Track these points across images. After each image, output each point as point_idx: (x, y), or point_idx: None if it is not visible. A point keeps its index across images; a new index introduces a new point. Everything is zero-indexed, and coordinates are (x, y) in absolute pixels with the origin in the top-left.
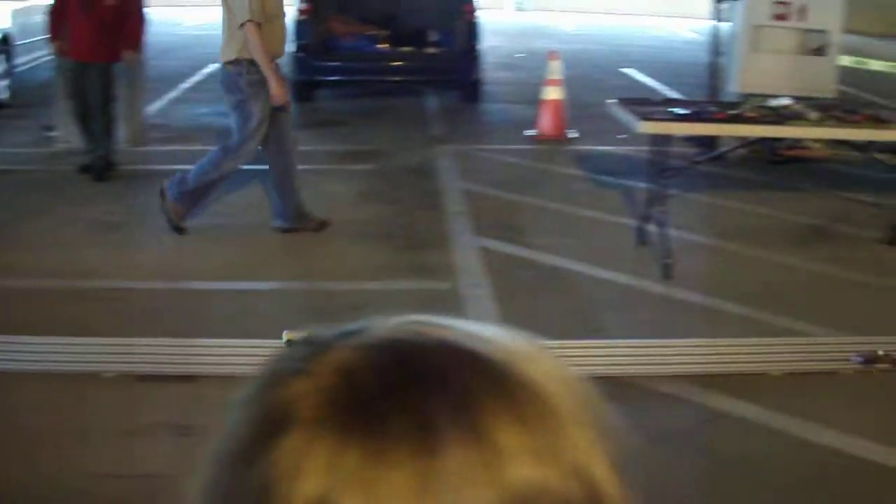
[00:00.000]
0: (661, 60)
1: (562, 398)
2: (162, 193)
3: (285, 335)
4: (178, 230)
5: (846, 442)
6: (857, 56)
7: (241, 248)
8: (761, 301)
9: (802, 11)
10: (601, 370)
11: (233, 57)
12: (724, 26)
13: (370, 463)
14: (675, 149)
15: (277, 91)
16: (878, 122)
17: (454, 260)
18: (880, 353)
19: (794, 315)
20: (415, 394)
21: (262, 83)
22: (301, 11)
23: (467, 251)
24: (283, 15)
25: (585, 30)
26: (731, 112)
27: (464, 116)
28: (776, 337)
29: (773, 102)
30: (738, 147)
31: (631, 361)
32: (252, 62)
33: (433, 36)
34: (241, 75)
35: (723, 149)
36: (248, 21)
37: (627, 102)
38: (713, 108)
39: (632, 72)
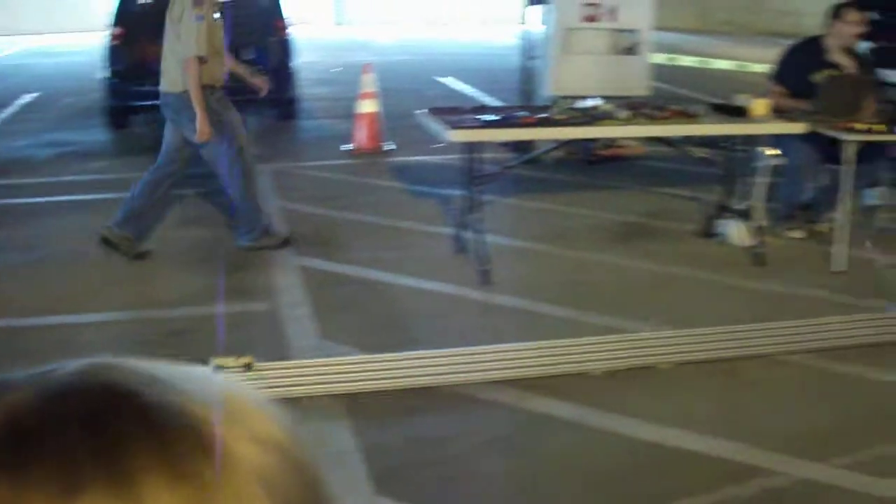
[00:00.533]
0: (478, 68)
1: (237, 451)
2: (251, 249)
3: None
4: (287, 242)
5: (666, 434)
6: (670, 53)
7: (61, 280)
8: (581, 301)
9: (612, 12)
10: (422, 381)
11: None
12: (537, 30)
13: (14, 501)
14: (491, 155)
15: (203, 128)
16: (686, 116)
17: (273, 280)
18: None
19: (613, 313)
20: (65, 437)
21: (220, 103)
22: (114, 37)
23: (286, 271)
24: (223, 49)
25: (404, 41)
26: (540, 116)
27: (281, 134)
28: (596, 336)
29: (582, 104)
30: (551, 149)
31: (451, 370)
32: (206, 87)
33: (246, 54)
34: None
35: (536, 152)
36: (194, 56)
37: (438, 112)
38: (522, 113)
39: (449, 80)
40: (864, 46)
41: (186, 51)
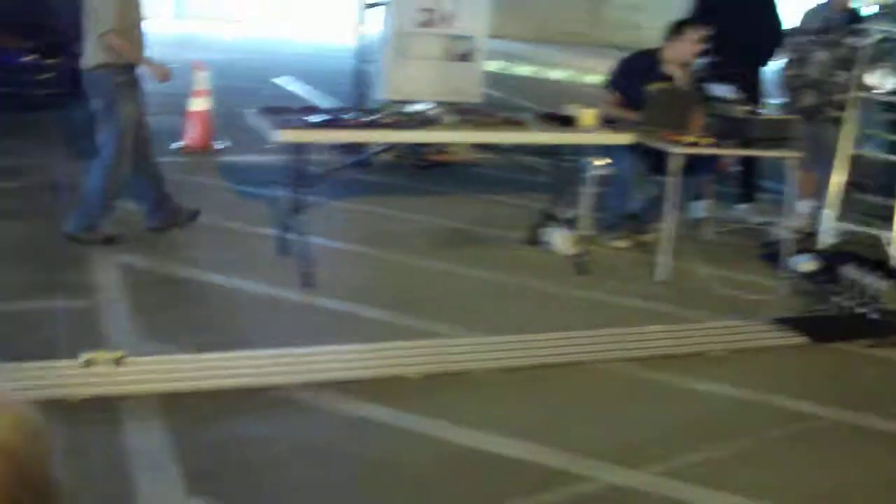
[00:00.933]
0: (317, 69)
1: None
2: (73, 238)
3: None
4: (112, 240)
5: (482, 440)
6: (507, 61)
7: None
8: (403, 305)
9: (448, 18)
10: (241, 382)
11: (101, 61)
12: (374, 33)
13: None
14: (324, 157)
15: (161, 72)
16: (514, 124)
17: (93, 278)
18: None
19: (434, 318)
20: None
21: (130, 85)
22: None
23: (107, 268)
24: (140, 24)
25: (244, 39)
26: (366, 119)
27: None
28: (415, 340)
29: (410, 108)
30: (379, 152)
31: (271, 371)
32: (120, 66)
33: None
34: (110, 78)
35: (362, 155)
36: (110, 31)
37: (267, 111)
38: (349, 115)
39: (287, 81)
40: (700, 62)
41: (104, 25)
